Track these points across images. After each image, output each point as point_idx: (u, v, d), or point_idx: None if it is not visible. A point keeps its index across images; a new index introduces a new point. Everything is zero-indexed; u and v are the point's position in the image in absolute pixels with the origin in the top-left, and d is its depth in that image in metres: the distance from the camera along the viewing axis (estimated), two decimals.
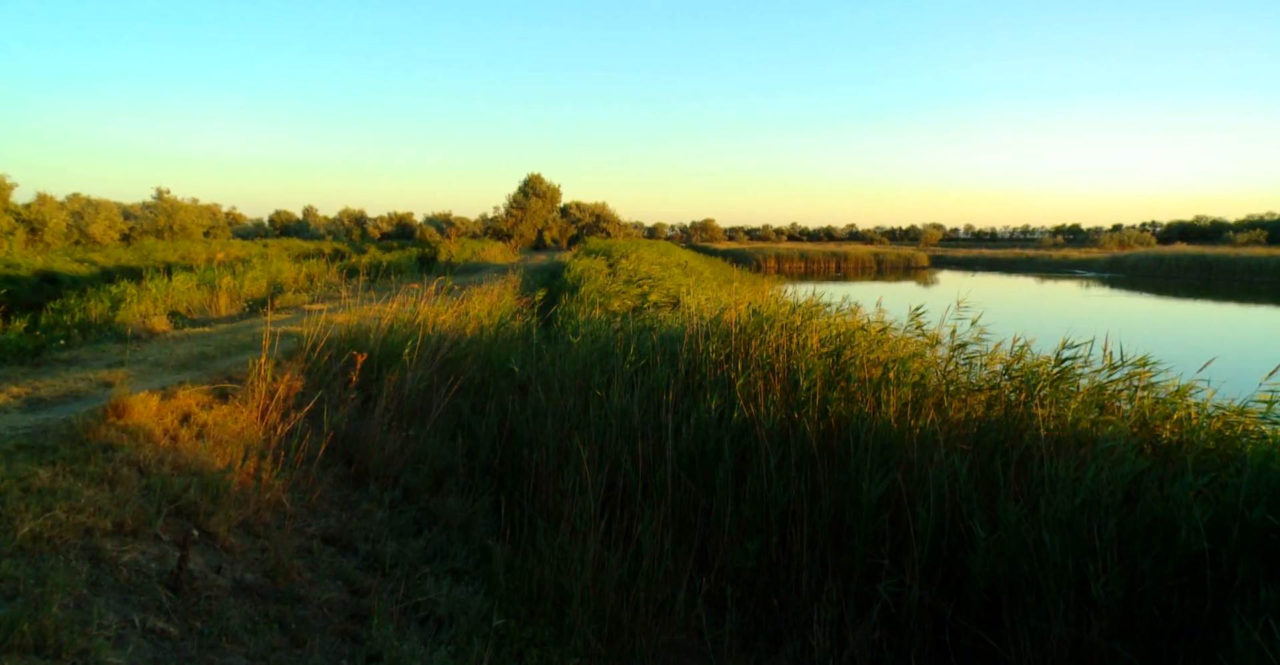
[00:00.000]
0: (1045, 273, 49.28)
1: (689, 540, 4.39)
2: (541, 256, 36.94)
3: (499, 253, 36.30)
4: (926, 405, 4.86)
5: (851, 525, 4.19)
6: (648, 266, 16.40)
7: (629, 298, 10.69)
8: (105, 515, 2.78)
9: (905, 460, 4.36)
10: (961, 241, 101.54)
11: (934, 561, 4.08)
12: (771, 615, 4.17)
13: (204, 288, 11.37)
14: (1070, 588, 3.64)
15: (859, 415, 4.71)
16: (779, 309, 6.23)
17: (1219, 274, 40.76)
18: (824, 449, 4.60)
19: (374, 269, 18.46)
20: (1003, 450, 4.43)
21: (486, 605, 3.36)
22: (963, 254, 65.03)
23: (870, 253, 58.50)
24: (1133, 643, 3.55)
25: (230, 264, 16.01)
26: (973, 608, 3.98)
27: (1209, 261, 42.42)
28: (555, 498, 4.62)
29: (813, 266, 54.40)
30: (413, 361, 5.79)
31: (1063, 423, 4.42)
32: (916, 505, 4.10)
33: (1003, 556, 3.83)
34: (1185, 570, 3.58)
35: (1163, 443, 4.39)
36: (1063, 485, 3.81)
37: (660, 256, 21.72)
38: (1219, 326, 21.45)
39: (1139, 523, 3.68)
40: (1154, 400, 4.66)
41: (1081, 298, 31.34)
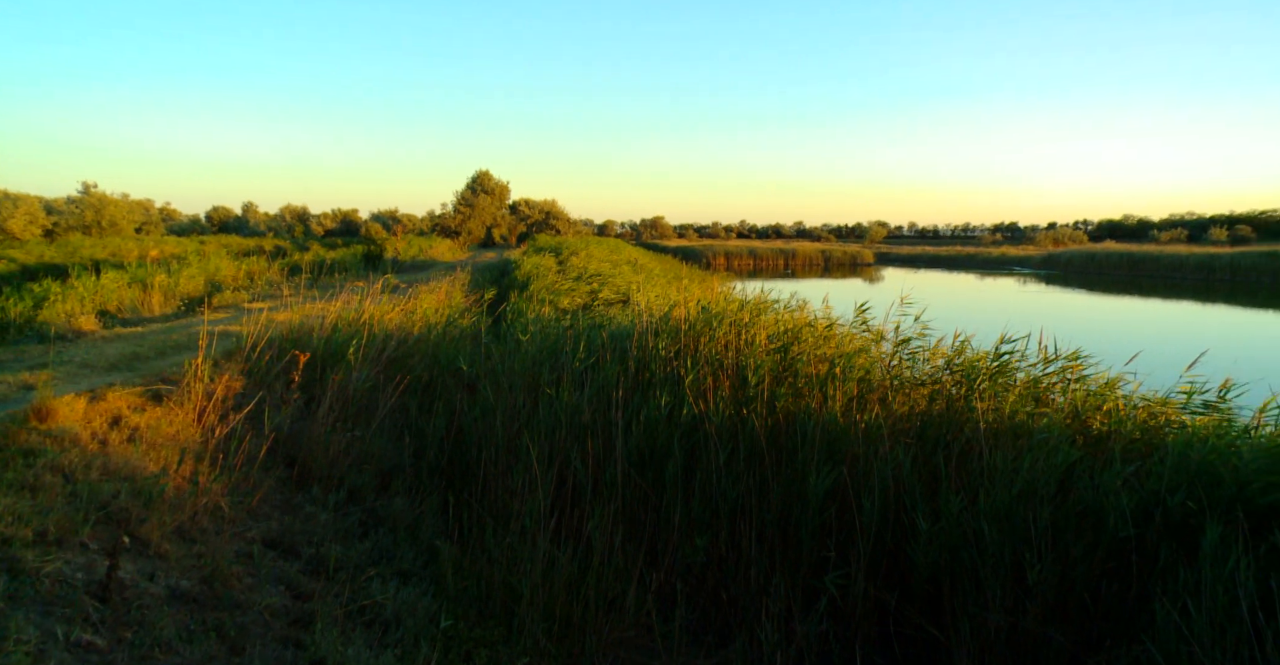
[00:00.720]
0: (985, 269, 50.74)
1: (639, 537, 4.40)
2: (490, 254, 36.57)
3: (447, 250, 35.80)
4: (871, 400, 4.95)
5: (799, 519, 4.25)
6: (598, 264, 16.36)
7: (579, 295, 10.65)
8: (25, 524, 2.65)
9: (851, 454, 4.43)
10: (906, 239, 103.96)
11: (879, 553, 4.16)
12: (721, 610, 4.21)
13: (136, 286, 10.94)
14: (1007, 575, 3.75)
15: (806, 410, 4.78)
16: (728, 306, 6.28)
17: (1144, 270, 42.60)
18: (772, 444, 4.65)
19: (317, 267, 18.03)
20: (944, 443, 4.54)
21: (434, 606, 3.32)
22: (907, 251, 66.52)
23: (818, 250, 59.40)
24: (1065, 627, 3.68)
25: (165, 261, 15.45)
26: (916, 597, 4.08)
27: (1135, 259, 44.32)
28: (504, 497, 4.58)
29: (761, 264, 54.98)
30: (358, 361, 5.68)
31: (1001, 415, 4.55)
32: (862, 498, 4.18)
33: (944, 547, 3.93)
34: (1113, 556, 3.73)
35: (1093, 433, 4.56)
36: (1001, 476, 3.92)
37: (610, 254, 21.69)
38: (1144, 321, 22.37)
39: (1071, 511, 3.81)
40: (1085, 393, 4.83)
41: (1019, 294, 32.35)
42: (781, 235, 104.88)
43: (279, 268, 17.01)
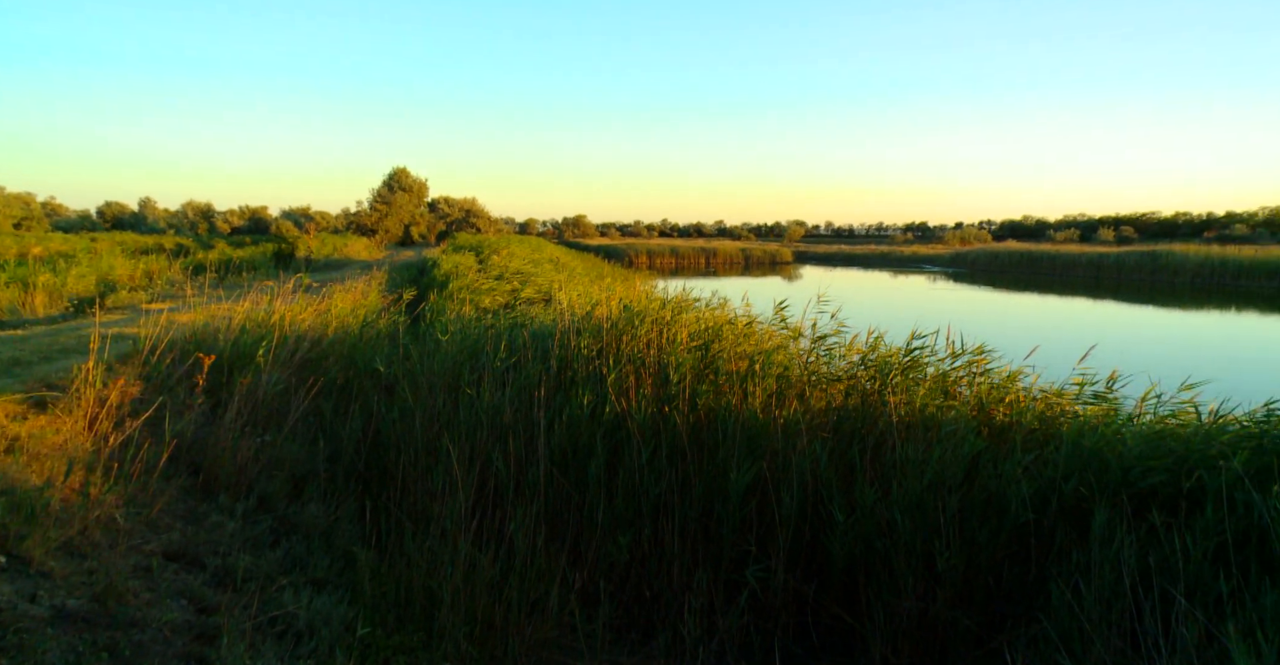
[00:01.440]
0: (898, 267, 52.61)
1: (562, 536, 4.38)
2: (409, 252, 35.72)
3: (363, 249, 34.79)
4: (790, 396, 5.06)
5: (720, 514, 4.30)
6: (519, 262, 16.18)
7: (500, 294, 10.51)
8: None
9: (771, 449, 4.52)
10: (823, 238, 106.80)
11: (798, 545, 4.26)
12: (644, 606, 4.23)
13: (15, 286, 10.20)
14: (919, 563, 3.90)
15: (727, 407, 4.85)
16: (650, 305, 6.31)
17: (1042, 268, 45.08)
18: (694, 441, 4.70)
19: (224, 266, 17.21)
20: (860, 437, 4.69)
21: (351, 614, 3.22)
22: (824, 250, 68.29)
23: (738, 249, 60.33)
24: (971, 609, 3.86)
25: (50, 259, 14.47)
26: (833, 587, 4.20)
27: (1034, 257, 46.88)
28: (424, 499, 4.48)
29: (683, 262, 55.49)
30: (268, 363, 5.45)
31: (912, 409, 4.72)
32: (781, 492, 4.27)
33: (860, 537, 4.06)
34: (1014, 540, 3.93)
35: (997, 424, 4.79)
36: (912, 468, 4.07)
37: (532, 252, 21.49)
38: (1042, 316, 23.63)
39: (977, 499, 4.00)
40: (989, 386, 5.06)
41: (929, 291, 33.66)
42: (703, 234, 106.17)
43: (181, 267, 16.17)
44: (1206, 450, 3.81)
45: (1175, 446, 3.92)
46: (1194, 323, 22.41)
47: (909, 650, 3.86)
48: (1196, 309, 25.84)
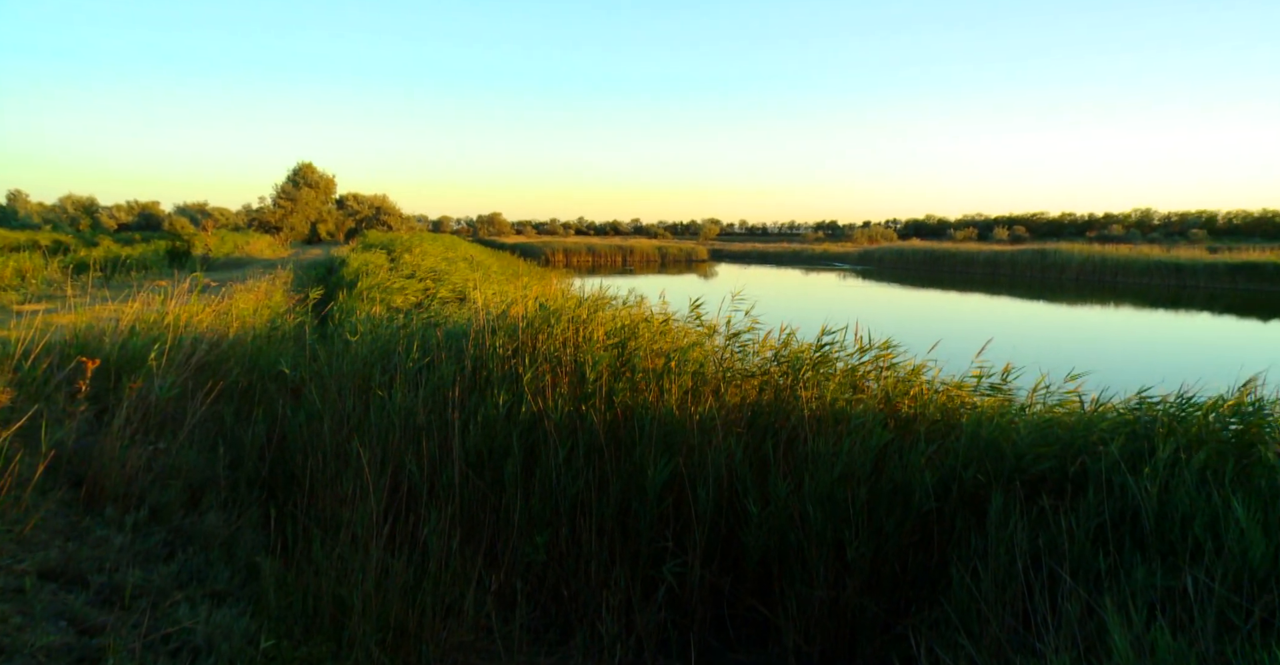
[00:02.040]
0: (810, 265, 54.09)
1: (478, 539, 4.31)
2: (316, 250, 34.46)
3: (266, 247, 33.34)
4: (705, 392, 5.13)
5: (638, 511, 4.33)
6: (433, 261, 15.84)
7: (412, 293, 10.26)
8: None
9: (687, 445, 4.57)
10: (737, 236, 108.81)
11: (714, 540, 4.33)
12: (562, 606, 4.22)
13: None
14: (830, 553, 4.02)
15: (644, 404, 4.87)
16: (566, 303, 6.28)
17: (944, 265, 47.27)
18: (611, 439, 4.70)
19: (110, 264, 16.14)
20: (773, 431, 4.79)
21: (254, 627, 3.07)
22: (738, 248, 69.54)
23: (654, 247, 60.76)
24: (879, 596, 4.01)
25: None
26: (748, 580, 4.28)
27: (936, 255, 49.13)
28: (334, 505, 4.33)
29: (600, 260, 55.52)
30: (161, 366, 5.15)
31: (823, 403, 4.85)
32: (698, 488, 4.32)
33: (774, 530, 4.15)
34: (918, 528, 4.10)
35: (902, 416, 4.97)
36: (824, 460, 4.19)
37: (446, 250, 21.07)
38: (944, 311, 24.75)
39: (884, 489, 4.15)
40: (895, 379, 5.25)
41: (839, 288, 34.75)
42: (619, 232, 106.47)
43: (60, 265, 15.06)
44: (1089, 437, 4.07)
45: (1062, 434, 4.17)
46: (1078, 317, 23.91)
47: (820, 638, 3.98)
48: (1080, 304, 27.57)
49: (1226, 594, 2.84)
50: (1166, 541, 3.37)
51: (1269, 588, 2.82)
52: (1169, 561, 3.22)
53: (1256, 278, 31.89)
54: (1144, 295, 30.30)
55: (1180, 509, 3.37)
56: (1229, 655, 2.57)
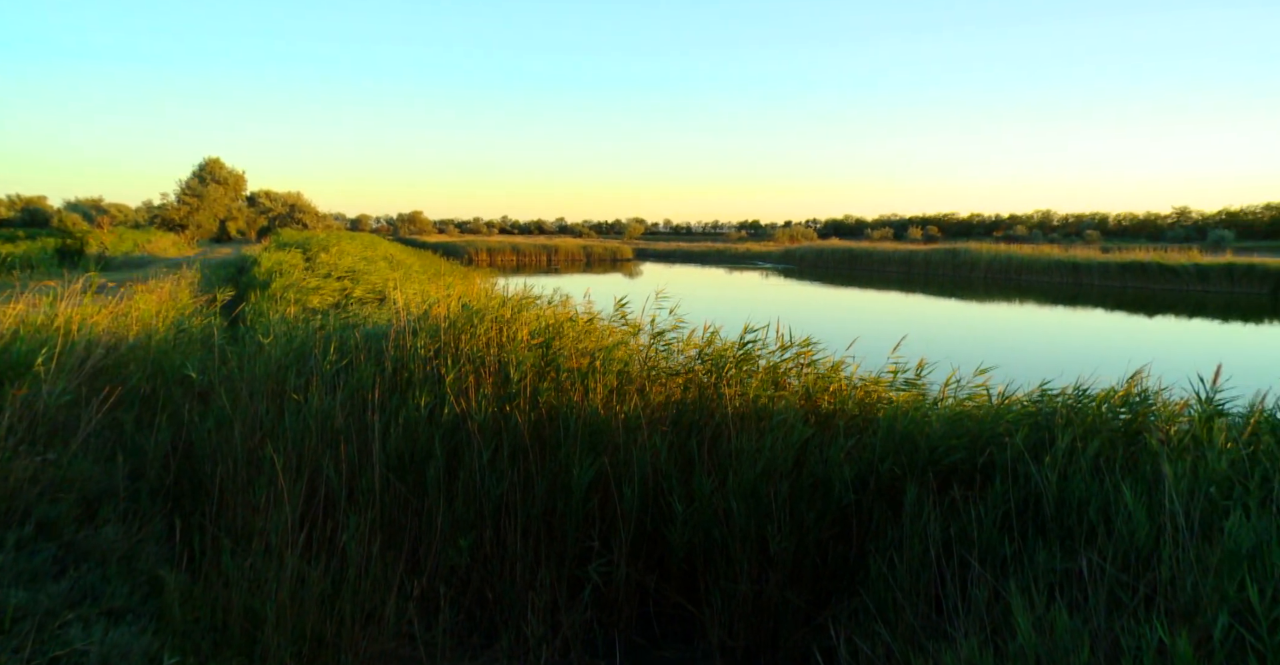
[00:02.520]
0: (733, 264, 54.93)
1: (400, 544, 4.21)
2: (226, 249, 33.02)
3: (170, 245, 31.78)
4: (630, 391, 5.14)
5: (563, 511, 4.31)
6: (351, 260, 15.39)
7: (329, 293, 9.95)
8: None
9: (612, 444, 4.58)
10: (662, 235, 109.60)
11: (639, 538, 4.35)
12: (486, 609, 4.17)
13: None
14: (753, 547, 4.10)
15: (569, 404, 4.85)
16: (490, 303, 6.20)
17: (862, 264, 48.83)
18: (536, 439, 4.67)
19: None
20: (698, 429, 4.84)
21: (155, 644, 2.92)
22: (663, 247, 70.06)
23: (579, 246, 60.67)
24: (800, 589, 4.10)
25: None
26: (673, 577, 4.32)
27: (855, 254, 50.70)
28: (246, 513, 4.16)
29: (524, 259, 55.08)
30: (50, 372, 4.84)
31: (746, 400, 4.93)
32: (623, 486, 4.33)
33: (698, 527, 4.20)
34: (838, 521, 4.22)
35: (822, 412, 5.10)
36: (746, 457, 4.26)
37: (365, 249, 20.51)
38: (862, 308, 25.52)
39: (805, 484, 4.24)
40: (816, 376, 5.38)
41: (762, 286, 35.39)
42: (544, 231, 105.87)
43: None
44: (996, 428, 4.26)
45: (971, 426, 4.36)
46: (987, 313, 25.03)
47: (744, 631, 4.05)
48: (989, 301, 28.87)
49: (1116, 573, 3.02)
50: (1065, 526, 3.56)
51: (1151, 566, 3.01)
52: (1067, 545, 3.41)
53: (1142, 276, 34.14)
54: (1046, 292, 31.96)
55: (1077, 495, 3.56)
56: (1117, 630, 2.74)
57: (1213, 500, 3.09)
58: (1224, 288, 31.77)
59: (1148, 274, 34.06)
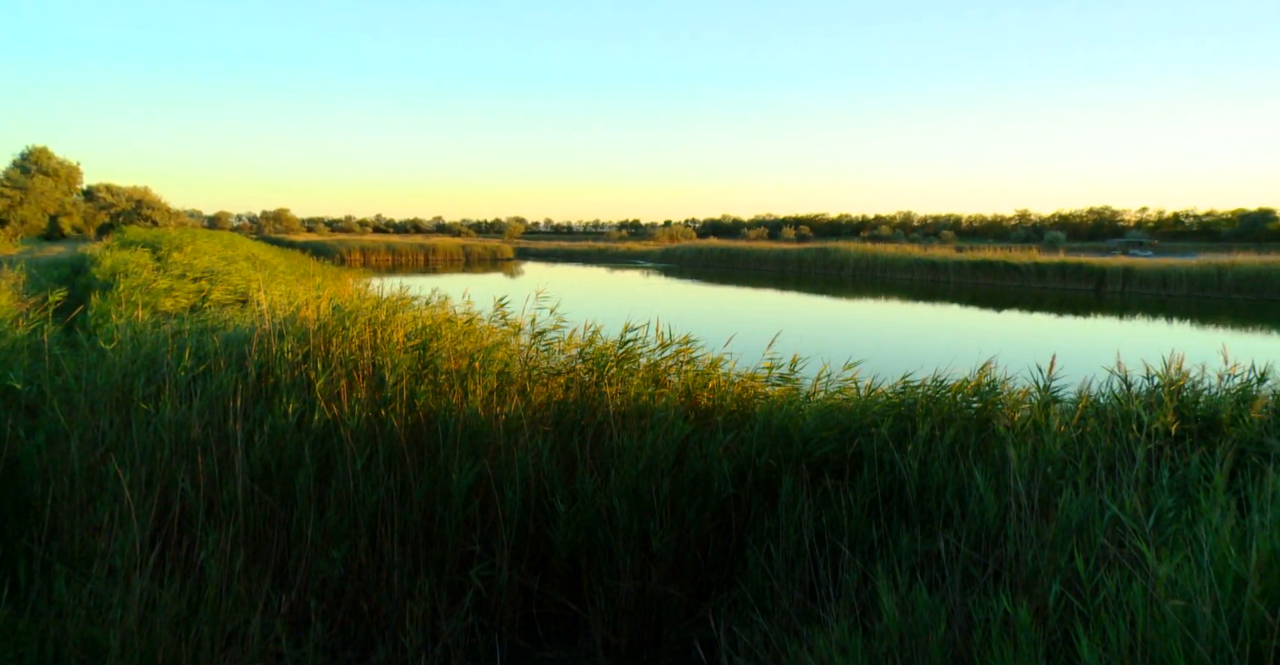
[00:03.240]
0: (614, 263, 55.31)
1: (266, 558, 3.98)
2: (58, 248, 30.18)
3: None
4: (511, 392, 5.08)
5: (443, 516, 4.20)
6: (209, 260, 14.41)
7: (184, 295, 9.27)
8: None
9: (493, 446, 4.50)
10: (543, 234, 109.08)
11: (522, 540, 4.30)
12: (361, 621, 4.00)
13: None
14: (636, 544, 4.13)
15: (448, 407, 4.74)
16: (363, 304, 5.96)
17: (739, 263, 50.39)
18: (413, 444, 4.53)
19: None
20: (579, 428, 4.84)
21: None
22: (544, 246, 69.75)
23: (458, 245, 59.47)
24: (682, 583, 4.18)
25: None
26: (556, 578, 4.30)
27: (732, 253, 52.24)
28: (84, 535, 3.80)
29: (401, 259, 53.45)
30: None
31: (627, 398, 4.97)
32: (505, 489, 4.26)
33: (581, 526, 4.20)
34: (718, 515, 4.32)
35: (702, 408, 5.21)
36: (629, 454, 4.29)
37: (224, 249, 19.26)
38: (740, 306, 26.30)
39: (686, 479, 4.32)
40: (695, 373, 5.48)
41: (643, 285, 35.81)
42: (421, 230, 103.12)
43: None
44: (863, 420, 4.49)
45: (841, 418, 4.57)
46: (856, 309, 26.39)
47: (627, 628, 4.08)
48: (857, 297, 30.43)
49: (969, 552, 3.26)
50: (925, 510, 3.80)
51: (999, 543, 3.27)
52: (927, 528, 3.64)
53: (991, 273, 37.07)
54: (908, 289, 34.03)
55: (936, 480, 3.81)
56: (970, 605, 2.95)
57: (1049, 480, 3.38)
58: (1058, 284, 34.89)
59: (995, 271, 36.96)
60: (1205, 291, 30.87)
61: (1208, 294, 30.75)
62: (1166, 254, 52.54)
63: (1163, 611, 2.33)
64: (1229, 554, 2.34)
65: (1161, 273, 32.26)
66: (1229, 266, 30.74)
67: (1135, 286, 32.92)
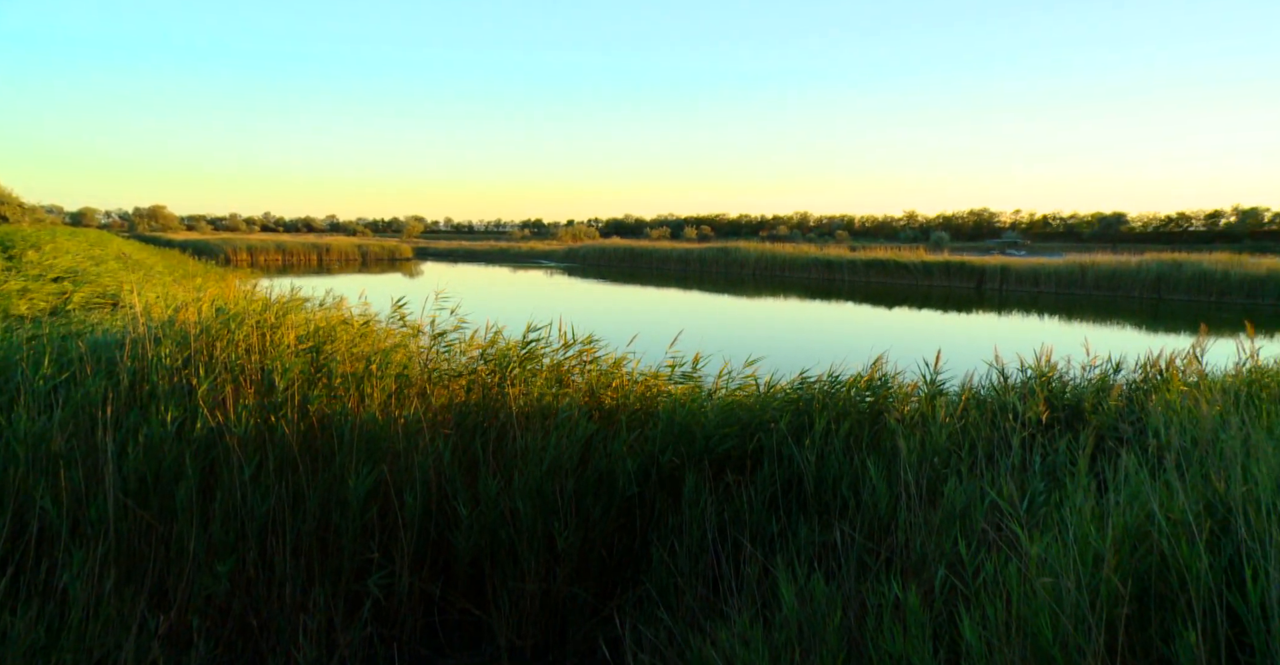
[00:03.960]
0: (517, 263, 54.74)
1: (141, 577, 3.72)
2: None
3: None
4: (411, 394, 4.94)
5: (339, 525, 4.05)
6: (72, 259, 13.36)
7: (43, 297, 8.55)
8: None
9: (392, 451, 4.37)
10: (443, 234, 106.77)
11: (423, 546, 4.19)
12: (250, 638, 3.81)
13: None
14: (541, 546, 4.10)
15: (343, 411, 4.57)
16: (250, 306, 5.67)
17: (643, 262, 50.81)
18: (306, 450, 4.34)
19: None
20: (482, 430, 4.76)
21: None
22: (445, 246, 68.31)
23: (354, 245, 57.52)
24: (587, 582, 4.17)
25: None
26: (460, 582, 4.21)
27: (636, 253, 52.60)
28: None
29: (292, 259, 51.20)
30: None
31: (530, 399, 4.92)
32: (405, 494, 4.15)
33: (484, 529, 4.13)
34: (623, 513, 4.34)
35: (605, 408, 5.22)
36: (532, 456, 4.25)
37: (90, 248, 17.92)
38: (644, 305, 26.50)
39: (590, 479, 4.32)
40: (599, 372, 5.49)
41: (547, 285, 35.57)
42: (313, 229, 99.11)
43: None
44: (763, 415, 4.61)
45: (742, 415, 4.67)
46: (756, 307, 27.05)
47: (532, 631, 4.05)
48: (758, 296, 31.20)
49: (863, 541, 3.40)
50: (822, 502, 3.93)
51: (890, 532, 3.43)
52: (824, 519, 3.77)
53: (883, 272, 38.81)
54: (806, 287, 35.17)
55: (832, 473, 3.95)
56: (864, 592, 3.08)
57: (936, 469, 3.57)
58: (943, 282, 36.84)
59: (886, 270, 38.68)
60: (1071, 289, 33.26)
61: (1073, 291, 33.15)
62: (1038, 253, 56.36)
63: (1034, 589, 2.49)
64: (1090, 532, 2.53)
65: (1034, 271, 34.54)
66: (1090, 265, 33.22)
67: (1011, 284, 35.12)
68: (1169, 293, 30.52)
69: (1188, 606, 2.42)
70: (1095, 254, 38.46)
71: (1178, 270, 30.44)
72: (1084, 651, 2.39)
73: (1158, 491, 2.70)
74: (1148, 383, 5.04)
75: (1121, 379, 5.07)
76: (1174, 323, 22.87)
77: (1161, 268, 30.96)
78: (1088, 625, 2.41)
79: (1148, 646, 2.50)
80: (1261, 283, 28.26)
